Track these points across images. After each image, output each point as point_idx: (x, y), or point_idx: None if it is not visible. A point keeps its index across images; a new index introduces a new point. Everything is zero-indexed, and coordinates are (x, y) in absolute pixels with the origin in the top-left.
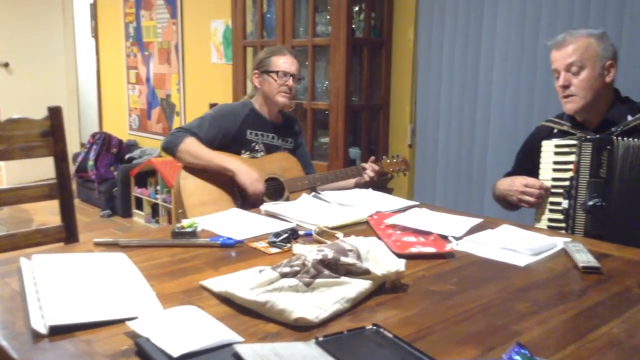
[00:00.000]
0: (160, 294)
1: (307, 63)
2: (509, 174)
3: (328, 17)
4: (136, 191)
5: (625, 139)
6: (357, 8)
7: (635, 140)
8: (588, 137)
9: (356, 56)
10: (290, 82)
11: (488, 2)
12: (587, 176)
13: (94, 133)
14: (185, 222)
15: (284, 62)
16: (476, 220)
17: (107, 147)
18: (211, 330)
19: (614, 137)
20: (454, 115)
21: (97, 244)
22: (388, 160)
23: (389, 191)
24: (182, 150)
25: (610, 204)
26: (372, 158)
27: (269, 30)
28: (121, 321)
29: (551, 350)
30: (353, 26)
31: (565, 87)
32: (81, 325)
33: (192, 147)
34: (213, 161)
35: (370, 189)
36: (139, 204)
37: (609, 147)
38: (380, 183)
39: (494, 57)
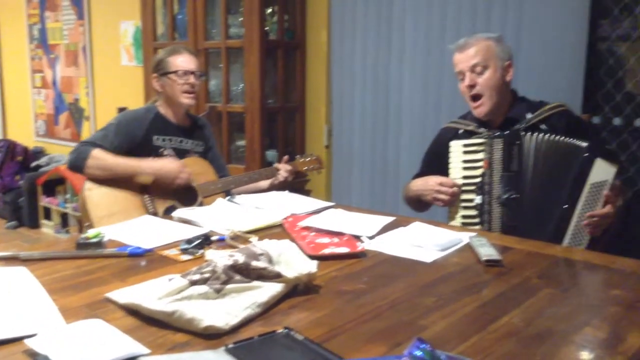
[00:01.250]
0: (63, 308)
1: (220, 65)
2: (417, 176)
3: (241, 19)
4: (44, 200)
5: (532, 133)
6: (270, 10)
7: (542, 134)
8: (498, 133)
9: (271, 58)
10: (191, 79)
11: (397, 6)
12: (500, 171)
13: None
14: (90, 233)
15: (183, 61)
16: (389, 219)
17: (12, 155)
18: (115, 343)
19: (522, 133)
20: (368, 115)
21: None
22: (301, 160)
23: (307, 193)
24: (90, 166)
25: (523, 195)
26: (286, 158)
27: (181, 32)
28: (19, 339)
29: (454, 342)
30: (266, 28)
31: (472, 86)
32: None
33: (100, 159)
34: (122, 171)
35: (286, 191)
36: (48, 214)
37: (518, 142)
38: (298, 185)
39: (403, 60)
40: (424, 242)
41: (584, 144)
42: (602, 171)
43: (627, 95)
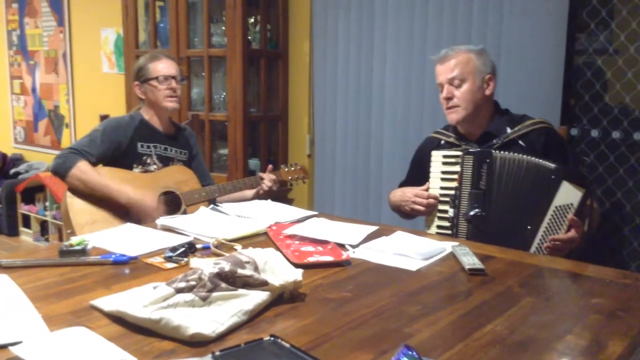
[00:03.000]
0: (46, 316)
1: (203, 74)
2: (403, 184)
3: (223, 28)
4: (23, 208)
5: (503, 152)
6: (252, 20)
7: (513, 154)
8: (470, 150)
9: (253, 67)
10: (173, 84)
11: (378, 17)
12: (469, 187)
13: None
14: (73, 240)
15: (163, 67)
16: (372, 228)
17: None
18: (101, 351)
19: (493, 151)
20: (350, 125)
21: None
22: (286, 169)
23: (290, 202)
24: (72, 176)
25: (489, 213)
26: (270, 167)
27: (163, 40)
28: (4, 346)
29: (439, 350)
30: (249, 37)
31: (449, 99)
32: None
33: (83, 173)
34: (102, 191)
35: (269, 200)
36: (27, 222)
37: (488, 160)
38: (281, 194)
39: (385, 70)
40: (408, 251)
41: (552, 166)
42: (567, 194)
43: (605, 107)
